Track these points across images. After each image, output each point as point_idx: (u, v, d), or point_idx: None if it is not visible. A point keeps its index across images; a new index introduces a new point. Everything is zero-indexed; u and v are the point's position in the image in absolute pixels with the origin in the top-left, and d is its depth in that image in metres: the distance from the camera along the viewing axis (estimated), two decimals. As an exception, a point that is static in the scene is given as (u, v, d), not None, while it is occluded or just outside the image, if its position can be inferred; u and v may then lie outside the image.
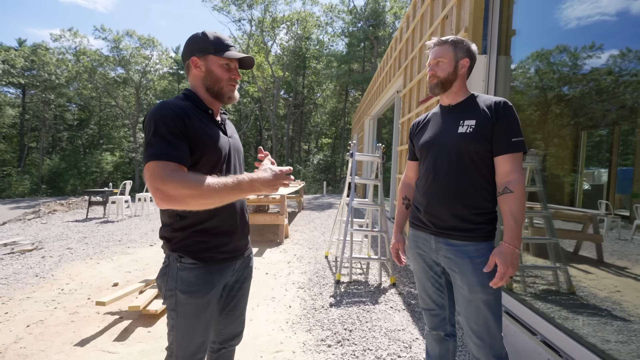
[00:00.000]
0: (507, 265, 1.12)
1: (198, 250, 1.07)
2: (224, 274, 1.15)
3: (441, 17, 3.37)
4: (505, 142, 1.20)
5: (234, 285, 1.24)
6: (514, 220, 1.15)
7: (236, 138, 1.25)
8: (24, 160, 28.04)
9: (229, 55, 1.09)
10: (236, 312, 1.27)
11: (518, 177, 1.18)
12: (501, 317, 1.23)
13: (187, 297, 1.05)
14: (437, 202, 1.30)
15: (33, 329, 2.36)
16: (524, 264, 2.55)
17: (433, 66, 1.34)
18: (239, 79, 1.15)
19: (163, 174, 0.89)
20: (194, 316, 1.07)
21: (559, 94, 2.46)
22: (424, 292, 1.44)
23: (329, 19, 24.37)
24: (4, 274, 3.58)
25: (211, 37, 1.09)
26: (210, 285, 1.09)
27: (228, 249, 1.14)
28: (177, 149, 0.95)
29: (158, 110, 0.98)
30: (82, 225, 6.75)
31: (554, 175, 2.57)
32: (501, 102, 1.24)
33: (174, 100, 1.05)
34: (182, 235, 1.07)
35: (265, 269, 3.77)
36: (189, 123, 1.00)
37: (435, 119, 1.41)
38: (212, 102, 1.15)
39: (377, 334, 2.27)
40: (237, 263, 1.21)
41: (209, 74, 1.10)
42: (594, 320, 1.89)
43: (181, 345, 1.09)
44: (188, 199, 0.89)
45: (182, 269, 1.06)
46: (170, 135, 0.95)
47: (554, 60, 2.38)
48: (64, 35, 25.10)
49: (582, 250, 2.20)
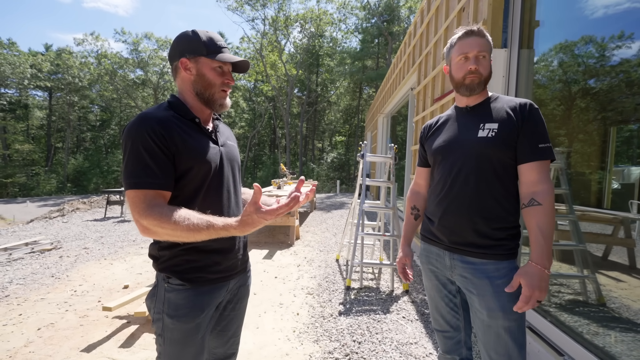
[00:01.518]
0: (533, 288, 0.98)
1: (186, 271, 0.98)
2: (216, 296, 1.05)
3: (457, 10, 3.18)
4: (532, 148, 1.06)
5: (227, 306, 1.14)
6: (543, 236, 1.01)
7: (230, 145, 1.14)
8: (51, 159, 29.41)
9: (223, 58, 0.99)
10: (227, 334, 1.17)
11: (547, 187, 1.04)
12: (525, 346, 1.09)
13: (174, 321, 0.96)
14: (452, 214, 1.17)
15: (43, 332, 2.38)
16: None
17: (477, 60, 1.13)
18: (232, 84, 1.05)
19: (141, 207, 0.85)
20: (182, 343, 0.98)
21: (586, 87, 2.26)
22: (436, 312, 1.32)
23: (342, 16, 24.10)
24: (22, 274, 3.68)
25: (203, 37, 0.98)
26: (200, 309, 0.99)
27: (220, 269, 1.04)
28: (155, 174, 0.88)
29: (135, 126, 0.89)
30: (100, 225, 6.93)
31: (580, 173, 2.36)
32: (527, 104, 1.09)
33: (154, 110, 0.96)
34: (170, 254, 0.98)
35: (275, 273, 3.70)
36: (170, 137, 0.91)
37: (451, 121, 1.27)
38: (201, 109, 1.04)
39: (387, 347, 2.15)
40: (232, 282, 1.11)
41: (199, 77, 1.00)
42: (628, 336, 1.71)
43: None
44: (164, 236, 0.87)
45: (170, 290, 0.98)
46: (148, 157, 0.88)
47: (579, 52, 2.18)
48: (87, 39, 26.07)
49: (612, 256, 2.00)
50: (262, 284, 3.32)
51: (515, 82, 2.46)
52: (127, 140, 0.89)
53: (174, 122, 0.95)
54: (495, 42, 2.55)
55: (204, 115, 1.06)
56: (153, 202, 0.87)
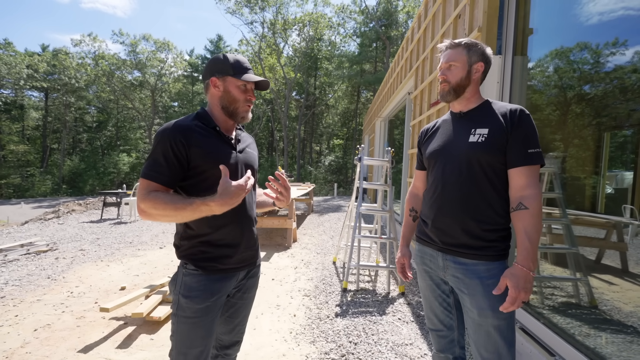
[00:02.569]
0: (519, 290, 1.02)
1: (201, 259, 1.14)
2: (226, 284, 1.18)
3: (453, 17, 3.25)
4: (521, 153, 1.10)
5: (236, 294, 1.27)
6: (529, 239, 1.05)
7: (249, 152, 1.29)
8: (46, 161, 29.17)
9: (247, 78, 1.16)
10: (234, 320, 1.29)
11: (534, 192, 1.08)
12: (514, 344, 1.13)
13: (187, 301, 1.11)
14: (444, 216, 1.21)
15: (40, 333, 2.38)
16: (541, 274, 2.40)
17: (444, 70, 1.24)
18: (254, 100, 1.22)
19: (142, 193, 1.03)
20: (192, 323, 1.11)
21: (580, 93, 2.32)
22: (430, 311, 1.35)
23: (341, 20, 24.27)
24: (18, 275, 3.66)
25: (231, 60, 1.16)
26: (210, 293, 1.13)
27: (231, 261, 1.18)
28: (163, 172, 1.05)
29: (163, 131, 1.08)
30: (97, 226, 6.90)
31: (574, 178, 2.41)
32: (517, 109, 1.14)
33: (182, 120, 1.14)
34: (189, 245, 1.15)
35: (272, 275, 3.72)
36: (188, 143, 1.08)
37: (445, 126, 1.32)
38: (224, 120, 1.21)
39: (383, 349, 2.18)
40: (241, 273, 1.24)
41: (226, 93, 1.17)
42: (619, 337, 1.74)
43: (180, 351, 1.13)
44: (157, 217, 1.02)
45: (187, 274, 1.14)
46: (163, 159, 1.06)
47: (574, 59, 2.24)
48: (84, 40, 26.00)
49: (605, 259, 2.04)
50: (260, 286, 3.33)
51: (509, 88, 2.52)
52: (155, 140, 1.09)
53: (196, 130, 1.12)
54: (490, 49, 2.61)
55: (227, 125, 1.22)
56: (156, 189, 1.04)
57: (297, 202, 9.45)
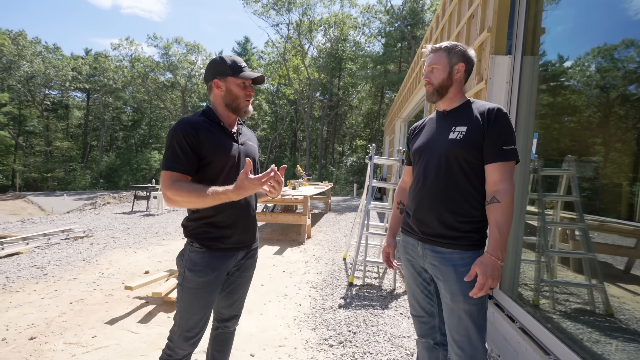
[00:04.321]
0: (487, 276, 1.09)
1: (205, 239, 1.29)
2: (226, 262, 1.33)
3: (467, 17, 3.25)
4: (496, 150, 1.17)
5: (235, 272, 1.42)
6: (499, 230, 1.11)
7: (250, 145, 1.43)
8: (87, 157, 31.41)
9: (244, 76, 1.29)
10: (234, 296, 1.45)
11: (507, 187, 1.14)
12: (484, 329, 1.19)
13: (191, 274, 1.26)
14: (424, 208, 1.30)
15: (74, 306, 2.69)
16: (556, 279, 2.35)
17: (428, 73, 1.33)
18: (253, 94, 1.35)
19: (167, 183, 1.17)
20: (194, 293, 1.27)
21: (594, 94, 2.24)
22: (413, 298, 1.44)
23: (366, 20, 24.18)
24: (58, 257, 4.09)
25: (229, 62, 1.29)
26: (212, 268, 1.28)
27: (231, 241, 1.33)
28: (182, 162, 1.19)
29: (175, 127, 1.23)
30: (128, 217, 7.43)
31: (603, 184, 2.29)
32: (494, 108, 1.20)
33: (191, 116, 1.28)
34: (195, 225, 1.30)
35: (283, 267, 3.89)
36: (197, 136, 1.22)
37: (431, 124, 1.40)
38: (227, 116, 1.35)
39: (380, 339, 2.27)
40: (240, 254, 1.39)
41: (228, 92, 1.30)
42: (631, 346, 1.71)
43: (183, 316, 1.29)
44: (182, 203, 1.16)
45: (192, 251, 1.29)
46: (179, 150, 1.20)
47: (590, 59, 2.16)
48: (122, 44, 27.72)
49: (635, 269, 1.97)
50: (270, 277, 3.51)
51: (518, 88, 2.51)
52: (169, 136, 1.23)
53: (203, 125, 1.26)
54: (500, 49, 2.61)
55: (229, 120, 1.36)
56: (178, 179, 1.18)
57: (315, 200, 9.60)
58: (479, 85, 2.76)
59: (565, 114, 2.56)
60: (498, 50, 2.61)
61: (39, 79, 25.47)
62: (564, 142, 2.55)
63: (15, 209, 14.15)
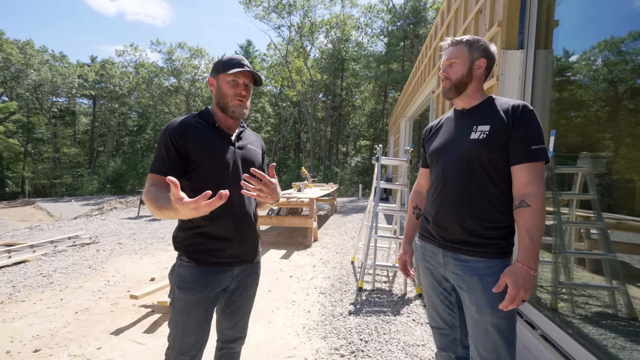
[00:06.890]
0: (518, 288, 1.00)
1: (194, 251, 1.17)
2: (219, 279, 1.19)
3: (475, 12, 3.16)
4: (524, 150, 1.08)
5: (235, 292, 1.28)
6: (530, 237, 1.02)
7: (250, 149, 1.30)
8: (94, 162, 31.76)
9: (231, 70, 1.18)
10: (236, 317, 1.31)
11: (537, 189, 1.05)
12: (514, 344, 1.10)
13: (180, 292, 1.15)
14: (445, 213, 1.21)
15: (80, 316, 2.64)
16: (575, 282, 2.24)
17: (446, 68, 1.24)
18: (244, 94, 1.22)
19: (147, 186, 1.09)
20: (185, 312, 1.16)
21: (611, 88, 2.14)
22: (432, 308, 1.35)
23: (368, 20, 24.09)
24: (64, 264, 4.06)
25: (224, 60, 1.22)
26: (202, 286, 1.15)
27: (225, 255, 1.19)
28: (164, 163, 1.12)
29: (165, 128, 1.17)
30: (134, 222, 7.42)
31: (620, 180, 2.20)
32: (520, 105, 1.11)
33: (185, 117, 1.21)
34: (184, 236, 1.18)
35: (290, 272, 3.81)
36: (185, 137, 1.14)
37: (448, 123, 1.31)
38: (224, 117, 1.26)
39: (393, 348, 2.18)
40: (236, 270, 1.24)
41: (218, 90, 1.22)
42: None
43: (176, 338, 1.17)
44: (149, 209, 1.05)
45: (181, 266, 1.18)
46: (165, 152, 1.13)
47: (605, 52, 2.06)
48: (127, 50, 28.00)
49: None
50: (277, 282, 3.43)
51: (531, 83, 2.41)
52: (159, 138, 1.17)
53: (194, 125, 1.18)
54: (512, 43, 2.52)
55: (226, 122, 1.27)
56: (157, 183, 1.09)
57: (321, 202, 9.52)
58: (490, 82, 2.66)
59: (582, 109, 2.45)
60: (509, 44, 2.51)
61: (46, 87, 25.83)
62: (580, 139, 2.44)
63: (24, 215, 14.32)
